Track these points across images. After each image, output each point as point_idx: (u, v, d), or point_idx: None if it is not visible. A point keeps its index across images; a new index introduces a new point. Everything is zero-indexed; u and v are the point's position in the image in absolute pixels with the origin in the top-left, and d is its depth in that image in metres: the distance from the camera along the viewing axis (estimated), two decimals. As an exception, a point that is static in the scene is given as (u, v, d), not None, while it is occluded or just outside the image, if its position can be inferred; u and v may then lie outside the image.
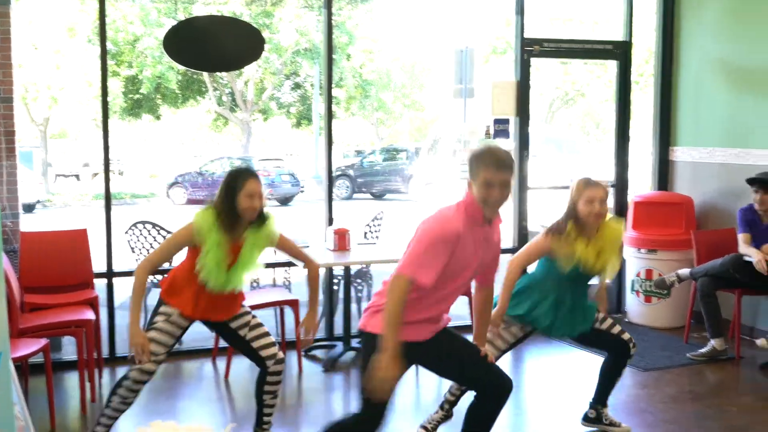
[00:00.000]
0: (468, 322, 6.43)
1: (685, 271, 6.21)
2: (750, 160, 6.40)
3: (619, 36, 7.40)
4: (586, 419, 4.73)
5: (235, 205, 3.97)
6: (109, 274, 6.08)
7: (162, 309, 4.12)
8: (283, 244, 4.30)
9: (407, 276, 3.28)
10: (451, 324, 3.70)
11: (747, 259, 5.85)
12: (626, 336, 4.52)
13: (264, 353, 4.16)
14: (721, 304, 6.11)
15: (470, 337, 3.77)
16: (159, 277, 6.26)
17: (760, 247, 5.87)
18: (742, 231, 6.03)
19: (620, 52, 7.32)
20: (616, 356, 4.55)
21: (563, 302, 4.38)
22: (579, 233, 4.27)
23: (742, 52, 6.69)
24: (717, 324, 6.05)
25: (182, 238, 4.04)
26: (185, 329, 4.20)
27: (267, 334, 4.22)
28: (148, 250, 6.58)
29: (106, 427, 4.16)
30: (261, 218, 4.10)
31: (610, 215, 4.40)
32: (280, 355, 4.19)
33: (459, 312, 6.99)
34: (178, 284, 4.13)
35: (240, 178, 4.00)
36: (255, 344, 4.17)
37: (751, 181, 6.02)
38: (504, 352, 4.50)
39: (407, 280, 3.27)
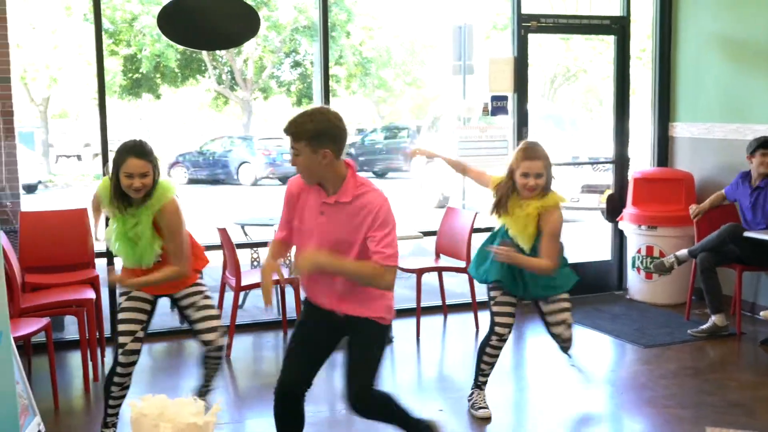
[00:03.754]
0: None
1: (683, 252, 6.21)
2: (749, 135, 6.38)
3: (617, 11, 7.37)
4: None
5: (117, 183, 3.83)
6: (110, 254, 6.08)
7: (121, 289, 4.12)
8: (164, 221, 3.91)
9: None
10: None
11: (747, 234, 5.86)
12: (555, 330, 4.63)
13: (203, 337, 4.09)
14: (722, 281, 6.12)
15: None
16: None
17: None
18: (725, 191, 6.30)
19: (618, 27, 7.29)
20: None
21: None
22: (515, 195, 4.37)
23: (740, 27, 6.66)
24: (718, 300, 6.06)
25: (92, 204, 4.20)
26: (151, 302, 4.11)
27: (211, 317, 4.10)
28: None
29: (115, 416, 4.16)
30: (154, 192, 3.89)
31: (554, 190, 4.40)
32: (219, 342, 4.10)
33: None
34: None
35: (122, 154, 3.80)
36: (197, 326, 4.11)
37: (753, 150, 6.02)
38: (515, 306, 4.55)
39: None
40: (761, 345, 5.90)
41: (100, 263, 5.97)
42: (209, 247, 6.37)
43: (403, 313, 6.60)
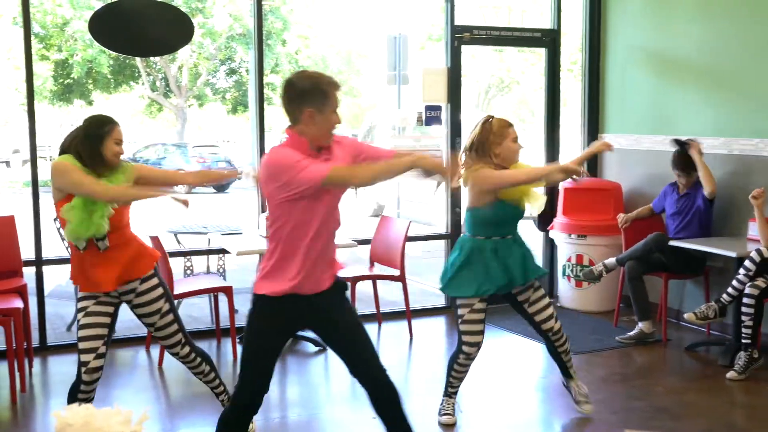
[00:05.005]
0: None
1: (611, 261, 6.34)
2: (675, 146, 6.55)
3: (548, 24, 7.51)
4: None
5: (100, 151, 3.88)
6: (38, 262, 5.98)
7: (78, 304, 4.01)
8: (148, 175, 4.18)
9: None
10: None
11: (672, 243, 6.01)
12: (547, 326, 4.51)
13: (168, 351, 4.22)
14: (649, 289, 6.27)
15: None
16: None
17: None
18: (652, 204, 6.51)
19: (549, 39, 7.43)
20: (547, 342, 4.62)
21: (495, 257, 4.38)
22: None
23: (666, 41, 6.84)
24: (645, 307, 6.20)
25: (58, 178, 3.96)
26: (111, 314, 4.01)
27: (171, 335, 4.12)
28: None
29: None
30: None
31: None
32: (183, 351, 4.17)
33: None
34: (72, 264, 4.04)
35: (106, 124, 3.92)
36: (160, 342, 4.17)
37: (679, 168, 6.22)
38: (484, 323, 4.49)
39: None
40: (686, 351, 6.06)
41: (28, 272, 5.85)
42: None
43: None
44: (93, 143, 3.88)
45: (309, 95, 3.25)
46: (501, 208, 4.36)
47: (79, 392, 3.95)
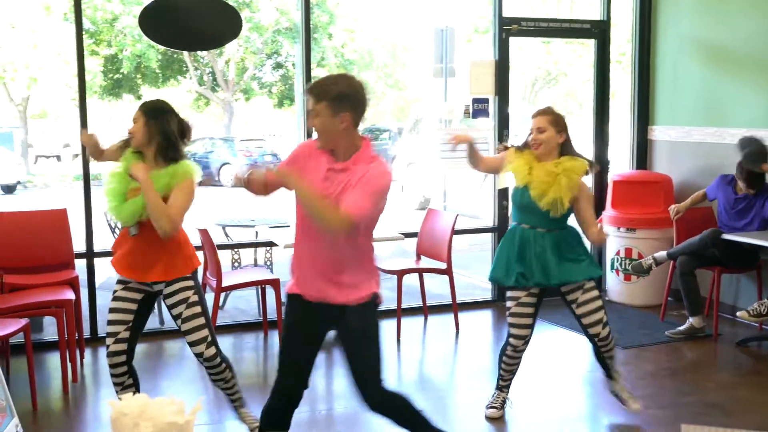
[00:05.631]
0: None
1: (661, 254, 6.25)
2: (726, 138, 6.45)
3: (597, 15, 7.42)
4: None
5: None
6: (89, 254, 6.07)
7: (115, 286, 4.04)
8: (176, 185, 3.84)
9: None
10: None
11: (726, 237, 5.90)
12: (593, 330, 4.41)
13: (192, 350, 4.02)
14: (700, 283, 6.17)
15: None
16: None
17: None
18: (707, 190, 6.34)
19: (598, 31, 7.34)
20: (594, 345, 4.52)
21: (527, 248, 4.36)
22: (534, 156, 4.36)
23: (719, 31, 6.72)
24: (696, 302, 6.10)
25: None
26: (139, 301, 3.99)
27: (197, 328, 3.97)
28: (128, 231, 6.56)
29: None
30: (174, 159, 3.87)
31: (572, 157, 4.36)
32: (208, 353, 3.98)
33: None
34: (116, 248, 4.05)
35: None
36: (185, 338, 4.03)
37: (741, 170, 6.00)
38: (532, 317, 4.46)
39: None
40: (738, 346, 5.96)
41: (80, 264, 5.95)
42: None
43: (383, 314, 6.62)
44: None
45: (355, 103, 3.29)
46: (522, 193, 4.37)
47: (111, 376, 4.01)
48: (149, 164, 3.85)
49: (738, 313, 5.63)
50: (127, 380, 4.05)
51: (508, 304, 4.46)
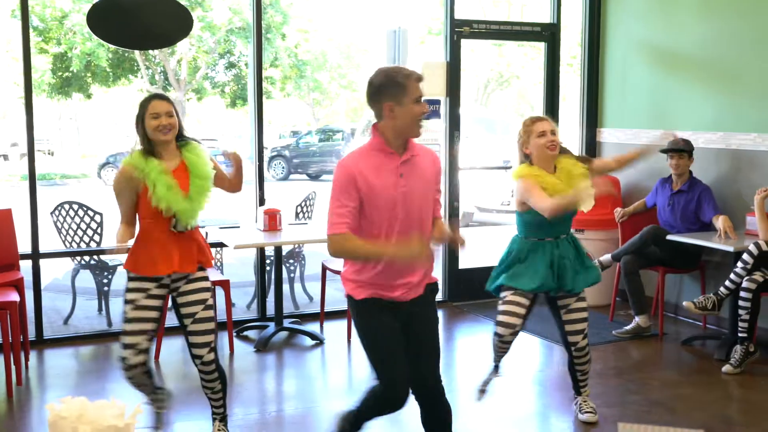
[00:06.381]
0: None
1: (606, 257, 6.35)
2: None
3: (547, 18, 7.50)
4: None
5: (146, 131, 3.82)
6: (35, 255, 5.98)
7: (127, 296, 3.89)
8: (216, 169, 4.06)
9: (329, 234, 3.28)
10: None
11: (670, 237, 6.00)
12: (573, 339, 4.44)
13: (193, 351, 3.96)
14: (645, 283, 6.27)
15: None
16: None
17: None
18: (646, 198, 6.53)
19: (548, 34, 7.42)
20: (569, 355, 4.55)
21: (545, 256, 4.32)
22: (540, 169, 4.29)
23: (666, 34, 6.83)
24: (641, 302, 6.21)
25: (119, 182, 3.85)
26: (158, 308, 3.91)
27: (206, 332, 3.94)
28: (75, 231, 6.48)
29: (151, 393, 4.12)
30: (185, 141, 3.94)
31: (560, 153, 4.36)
32: (208, 357, 3.95)
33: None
34: (135, 251, 3.91)
35: (143, 103, 3.87)
36: (190, 339, 3.96)
37: (665, 150, 6.20)
38: (527, 309, 4.40)
39: (331, 238, 3.27)
40: (683, 345, 6.06)
41: (25, 265, 5.85)
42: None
43: (334, 315, 6.63)
44: (140, 126, 3.85)
45: (385, 89, 3.27)
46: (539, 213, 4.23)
47: (126, 379, 3.89)
48: (169, 154, 3.86)
49: (684, 303, 5.68)
50: (145, 380, 3.95)
51: (503, 293, 4.39)
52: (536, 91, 27.01)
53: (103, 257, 6.59)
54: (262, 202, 6.49)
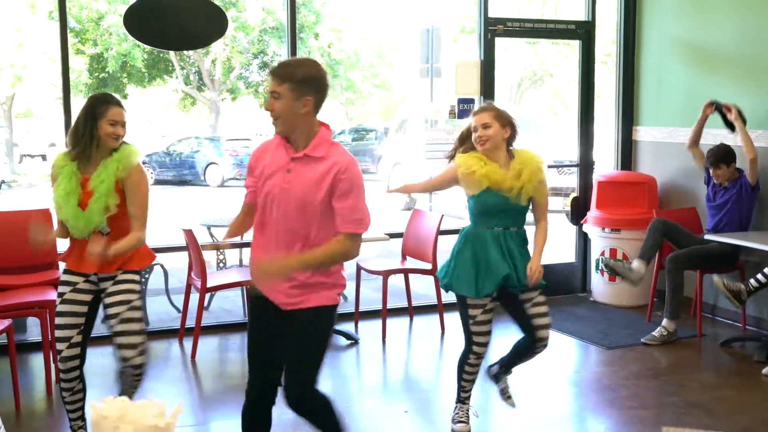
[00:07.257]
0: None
1: (637, 265, 6.09)
2: (709, 139, 6.46)
3: (582, 16, 7.44)
4: (489, 372, 4.61)
5: (95, 132, 3.78)
6: (74, 255, 6.03)
7: (58, 288, 3.94)
8: (130, 181, 3.82)
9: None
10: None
11: (708, 237, 5.92)
12: (542, 333, 4.25)
13: (119, 353, 3.87)
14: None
15: None
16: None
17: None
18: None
19: (583, 32, 7.37)
20: (529, 342, 4.34)
21: (485, 252, 4.18)
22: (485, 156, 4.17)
23: (703, 32, 6.76)
24: (677, 303, 6.05)
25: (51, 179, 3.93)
26: (88, 303, 3.91)
27: (131, 333, 3.84)
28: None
29: (77, 419, 4.08)
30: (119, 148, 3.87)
31: (525, 147, 4.27)
32: (136, 360, 3.86)
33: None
34: (69, 246, 3.97)
35: (102, 103, 3.82)
36: (116, 340, 3.88)
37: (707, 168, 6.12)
38: (492, 322, 4.30)
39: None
40: (722, 346, 5.99)
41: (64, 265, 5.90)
42: (175, 248, 6.38)
43: (369, 314, 6.62)
44: (89, 124, 3.80)
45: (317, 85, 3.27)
46: (487, 197, 4.15)
47: (61, 381, 3.90)
48: (98, 156, 3.81)
49: (714, 277, 5.57)
50: (77, 385, 3.97)
51: (472, 312, 4.25)
52: (570, 89, 26.81)
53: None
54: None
